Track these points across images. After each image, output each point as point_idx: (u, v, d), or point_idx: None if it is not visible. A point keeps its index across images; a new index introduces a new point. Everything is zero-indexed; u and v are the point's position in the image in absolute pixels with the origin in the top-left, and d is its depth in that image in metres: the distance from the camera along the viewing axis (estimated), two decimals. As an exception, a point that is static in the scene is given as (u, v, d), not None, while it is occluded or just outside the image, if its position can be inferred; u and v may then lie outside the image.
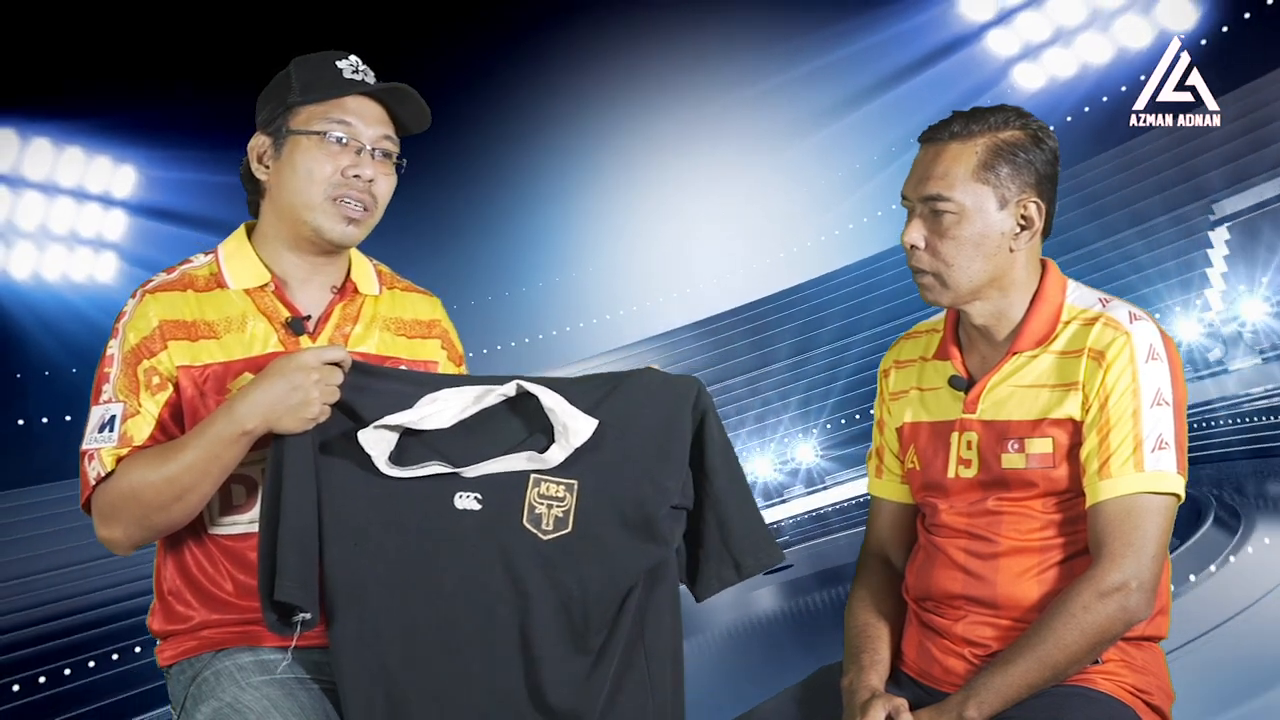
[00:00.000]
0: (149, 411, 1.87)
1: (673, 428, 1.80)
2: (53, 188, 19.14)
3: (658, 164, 24.07)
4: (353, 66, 1.96)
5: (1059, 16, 19.92)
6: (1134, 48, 19.36)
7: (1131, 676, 1.88)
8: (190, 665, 1.91)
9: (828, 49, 21.97)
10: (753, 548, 1.83)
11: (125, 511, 1.82)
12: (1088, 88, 19.87)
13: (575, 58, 22.01)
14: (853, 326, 21.25)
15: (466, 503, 1.77)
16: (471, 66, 22.32)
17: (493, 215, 24.33)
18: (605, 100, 22.71)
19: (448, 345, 2.12)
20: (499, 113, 22.85)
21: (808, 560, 13.24)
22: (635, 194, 24.63)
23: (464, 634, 1.76)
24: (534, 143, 23.22)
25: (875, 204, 23.29)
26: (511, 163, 23.49)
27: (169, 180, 20.32)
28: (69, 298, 19.37)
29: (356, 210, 1.94)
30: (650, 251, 25.44)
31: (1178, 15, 18.79)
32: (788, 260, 25.06)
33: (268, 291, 1.96)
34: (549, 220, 24.69)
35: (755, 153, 24.73)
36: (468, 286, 24.56)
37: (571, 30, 21.75)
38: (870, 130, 22.68)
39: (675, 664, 1.81)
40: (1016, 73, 20.39)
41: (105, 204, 20.06)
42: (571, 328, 25.78)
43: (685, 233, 25.50)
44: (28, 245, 18.80)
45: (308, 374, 1.75)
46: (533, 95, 22.81)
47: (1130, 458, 1.83)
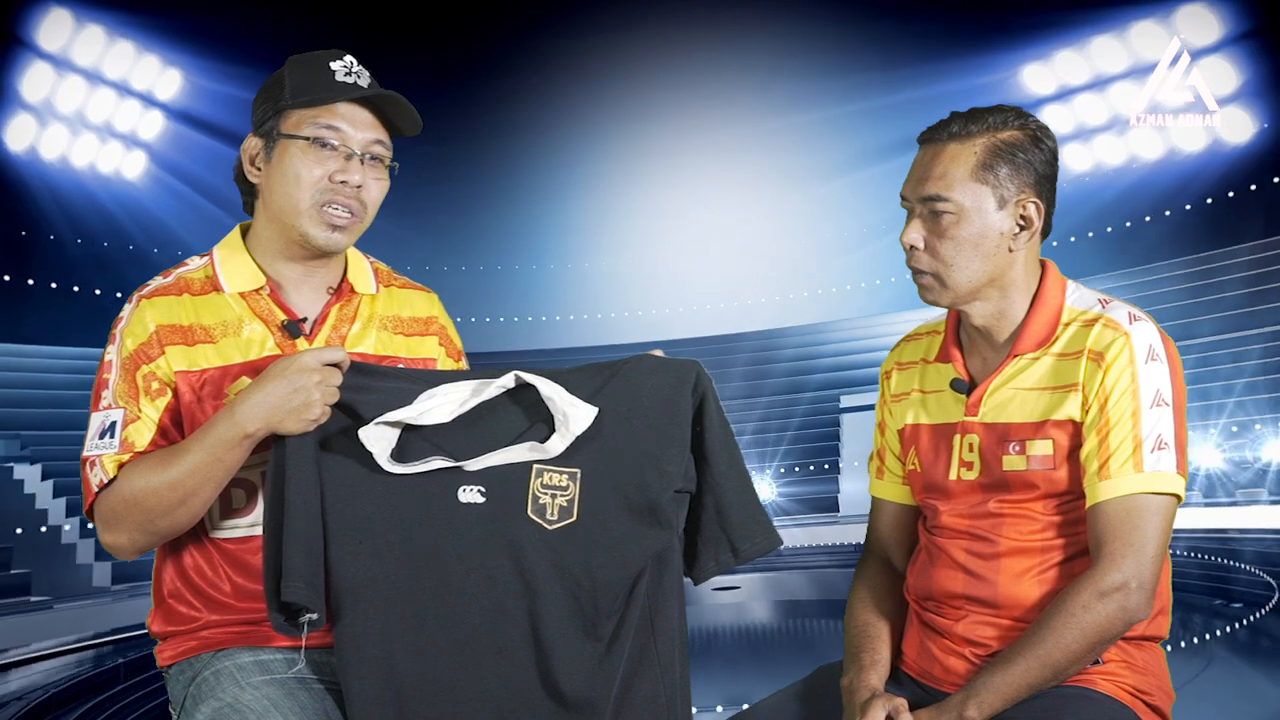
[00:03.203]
0: (149, 417, 1.86)
1: (673, 411, 1.79)
2: (97, 77, 19.15)
3: (686, 184, 24.35)
4: (346, 68, 1.92)
5: (1117, 104, 19.99)
6: (1184, 150, 19.43)
7: (1132, 677, 1.87)
8: (190, 665, 1.91)
9: (881, 91, 22.04)
10: (750, 532, 1.81)
11: (129, 517, 1.81)
12: (1143, 177, 19.97)
13: (637, 76, 22.39)
14: (801, 384, 21.38)
15: (471, 496, 1.77)
16: (522, 69, 22.51)
17: (524, 196, 24.61)
18: (652, 115, 23.05)
19: (445, 341, 2.11)
20: (543, 113, 23.28)
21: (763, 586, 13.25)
22: (654, 206, 24.89)
23: (473, 627, 1.75)
24: (581, 144, 23.98)
25: (884, 265, 23.24)
26: (551, 154, 24.07)
27: (213, 92, 20.33)
28: (91, 186, 19.37)
29: (343, 217, 1.91)
30: (658, 263, 25.65)
31: (1235, 128, 18.85)
32: (782, 304, 25.22)
33: (263, 295, 1.95)
34: (573, 208, 24.89)
35: (786, 187, 24.88)
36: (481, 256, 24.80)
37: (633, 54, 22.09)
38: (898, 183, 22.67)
39: (682, 646, 1.81)
40: (1065, 152, 20.45)
41: (146, 103, 20.08)
42: (576, 316, 25.88)
43: (695, 253, 25.67)
44: (61, 128, 18.79)
45: (309, 375, 1.74)
46: (592, 105, 23.36)
47: (1130, 458, 1.82)
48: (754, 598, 12.78)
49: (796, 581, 13.60)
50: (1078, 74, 20.29)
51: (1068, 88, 20.54)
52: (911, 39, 21.23)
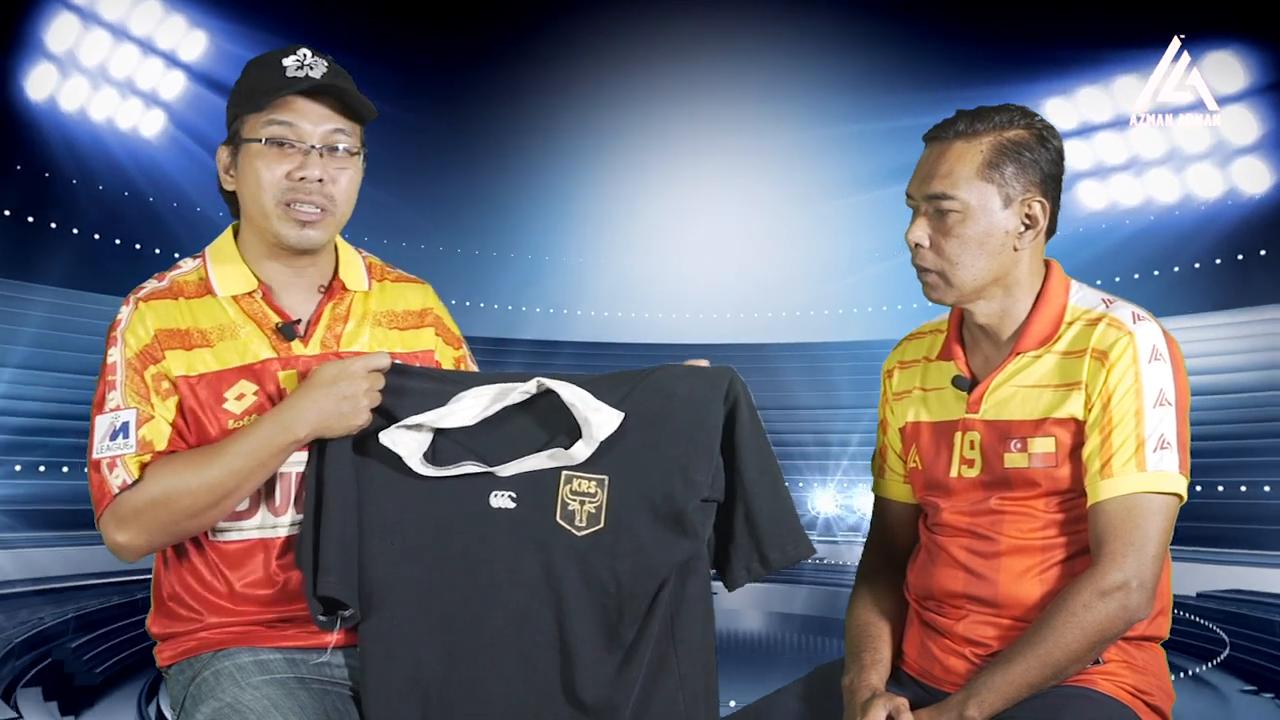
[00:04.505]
0: (163, 417, 1.86)
1: (703, 418, 1.78)
2: (122, 32, 19.12)
3: (692, 190, 24.39)
4: (298, 62, 1.90)
5: (1138, 146, 19.95)
6: (1201, 196, 19.41)
7: (1132, 677, 1.87)
8: (190, 665, 1.91)
9: (898, 113, 22.00)
10: (780, 541, 1.80)
11: (151, 517, 1.81)
12: (1152, 222, 19.93)
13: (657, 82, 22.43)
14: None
15: (502, 501, 1.79)
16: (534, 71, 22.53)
17: (539, 185, 24.66)
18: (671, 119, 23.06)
19: (442, 331, 2.10)
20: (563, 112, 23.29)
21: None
22: (665, 208, 24.90)
23: (499, 630, 1.77)
24: (594, 142, 24.04)
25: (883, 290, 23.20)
26: (562, 150, 24.04)
27: (238, 57, 20.12)
28: (107, 140, 19.32)
29: (311, 213, 1.91)
30: (659, 264, 25.68)
31: (1253, 178, 18.83)
32: (789, 320, 25.21)
33: (255, 298, 1.95)
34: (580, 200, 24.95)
35: (794, 202, 24.91)
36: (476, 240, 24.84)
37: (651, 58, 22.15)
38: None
39: (707, 657, 1.80)
40: (1081, 188, 20.42)
41: (169, 62, 20.04)
42: (571, 311, 25.91)
43: (695, 258, 25.68)
44: (82, 80, 18.75)
45: (358, 383, 1.78)
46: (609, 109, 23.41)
47: (1132, 457, 1.82)
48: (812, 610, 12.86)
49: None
50: (1100, 111, 20.25)
51: (1088, 124, 20.49)
52: (934, 63, 21.21)
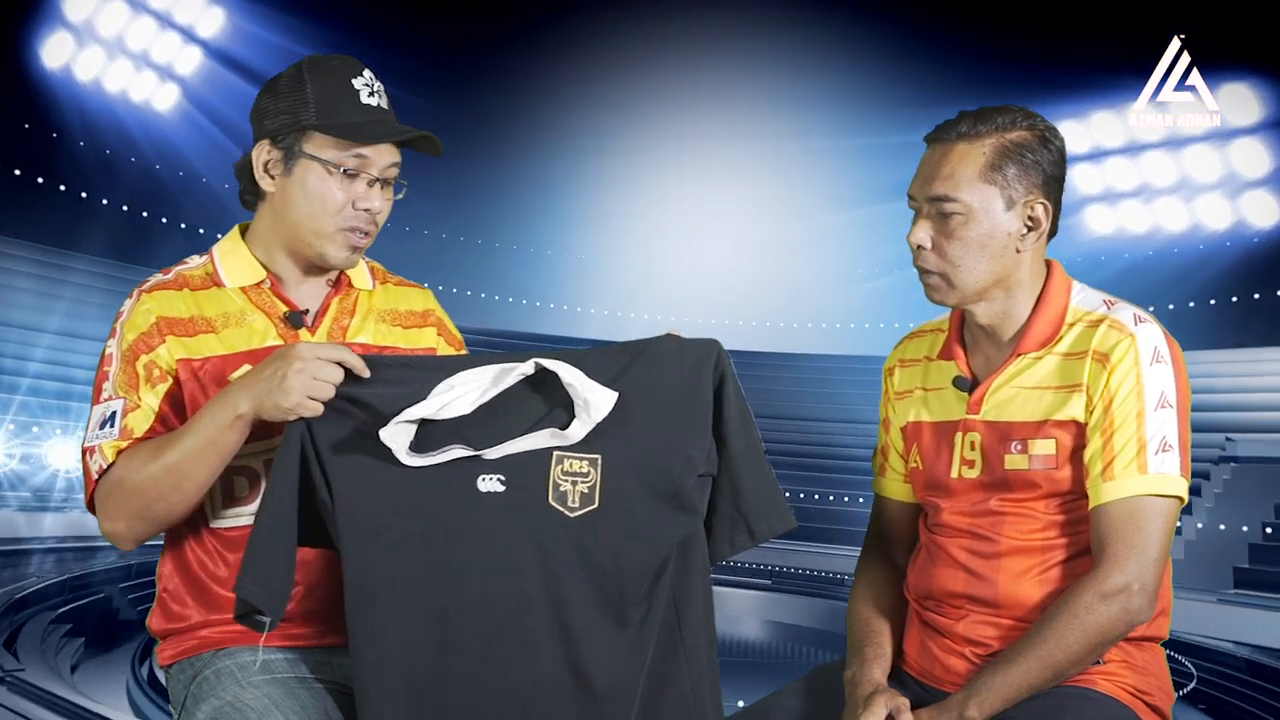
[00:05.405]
0: (149, 405, 1.88)
1: (694, 394, 1.78)
2: (140, 4, 19.13)
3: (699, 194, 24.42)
4: (369, 88, 1.92)
5: (1148, 173, 19.95)
6: (1209, 226, 19.40)
7: (1132, 677, 1.87)
8: (190, 665, 1.91)
9: (917, 127, 21.95)
10: (766, 513, 1.80)
11: (127, 503, 1.82)
12: (1157, 248, 19.92)
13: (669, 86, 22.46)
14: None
15: (490, 485, 1.75)
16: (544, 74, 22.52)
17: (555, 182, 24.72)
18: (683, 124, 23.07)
19: (444, 332, 2.11)
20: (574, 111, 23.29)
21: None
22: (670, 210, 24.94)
23: (496, 618, 1.73)
24: (597, 142, 24.24)
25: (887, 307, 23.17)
26: (562, 148, 24.25)
27: (255, 36, 20.27)
28: (119, 112, 19.32)
29: (361, 239, 1.95)
30: (659, 266, 25.70)
31: (1262, 211, 18.83)
32: (786, 330, 25.22)
33: (264, 288, 1.97)
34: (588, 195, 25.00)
35: (795, 213, 24.92)
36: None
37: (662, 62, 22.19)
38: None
39: (709, 632, 1.79)
40: (1089, 212, 20.43)
41: (186, 37, 20.05)
42: (570, 307, 25.94)
43: (696, 261, 25.72)
44: (98, 50, 18.76)
45: (291, 363, 1.73)
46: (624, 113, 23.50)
47: (1134, 460, 1.82)
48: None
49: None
50: (1113, 137, 20.24)
51: (1100, 149, 20.48)
52: (949, 82, 21.20)
